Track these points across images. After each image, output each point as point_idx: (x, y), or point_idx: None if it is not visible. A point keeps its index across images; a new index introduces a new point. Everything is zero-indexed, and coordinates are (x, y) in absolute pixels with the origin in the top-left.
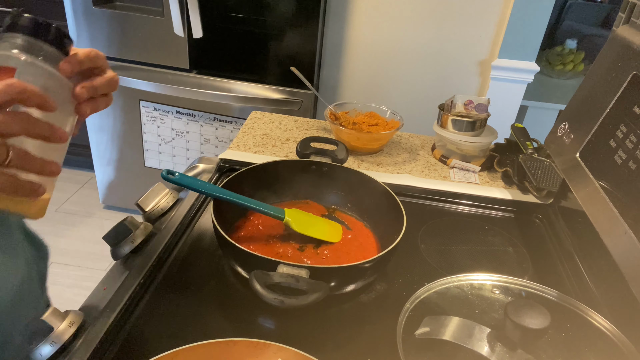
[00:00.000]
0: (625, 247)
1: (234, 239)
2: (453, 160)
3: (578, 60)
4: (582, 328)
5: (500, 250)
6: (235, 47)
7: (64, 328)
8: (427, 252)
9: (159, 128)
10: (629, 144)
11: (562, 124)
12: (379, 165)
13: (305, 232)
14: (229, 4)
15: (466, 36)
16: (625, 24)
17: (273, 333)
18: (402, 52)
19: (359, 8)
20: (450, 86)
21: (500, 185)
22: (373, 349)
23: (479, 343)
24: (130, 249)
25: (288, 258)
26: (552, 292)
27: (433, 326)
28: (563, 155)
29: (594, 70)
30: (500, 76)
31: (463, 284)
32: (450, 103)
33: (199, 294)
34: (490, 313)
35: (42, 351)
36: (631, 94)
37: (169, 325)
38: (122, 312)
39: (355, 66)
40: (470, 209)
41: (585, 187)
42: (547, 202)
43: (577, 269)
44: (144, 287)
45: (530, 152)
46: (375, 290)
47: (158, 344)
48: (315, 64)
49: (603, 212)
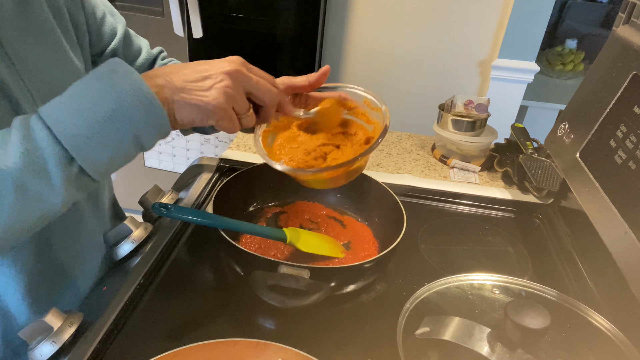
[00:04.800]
0: (625, 247)
1: (234, 239)
2: (453, 160)
3: (578, 60)
4: (582, 328)
5: (500, 250)
6: (235, 47)
7: (63, 328)
8: (427, 252)
9: None
10: (629, 144)
11: (562, 124)
12: (379, 165)
13: (310, 251)
14: (229, 4)
15: (466, 36)
16: (625, 24)
17: (273, 333)
18: (402, 52)
19: (359, 8)
20: (450, 86)
21: (500, 185)
22: (373, 349)
23: (479, 343)
24: (130, 249)
25: (288, 258)
26: (552, 292)
27: (433, 326)
28: (563, 155)
29: (594, 70)
30: (500, 76)
31: (463, 284)
32: (450, 103)
33: (199, 294)
34: (490, 313)
35: (42, 351)
36: (631, 94)
37: (169, 325)
38: (122, 312)
39: (355, 66)
40: (470, 209)
41: (585, 187)
42: (547, 202)
43: (577, 269)
44: (143, 287)
45: (530, 152)
46: (375, 290)
47: (158, 344)
48: (315, 64)
49: (603, 212)
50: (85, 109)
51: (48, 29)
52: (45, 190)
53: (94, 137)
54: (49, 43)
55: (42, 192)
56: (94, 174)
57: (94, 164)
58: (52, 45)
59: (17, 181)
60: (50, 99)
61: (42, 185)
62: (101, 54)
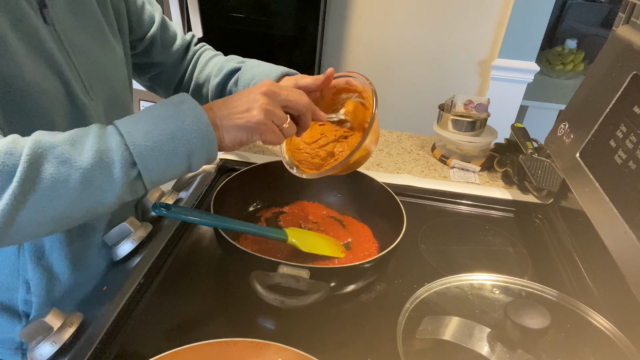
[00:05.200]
0: (625, 247)
1: (234, 239)
2: (453, 160)
3: (578, 60)
4: (582, 328)
5: (500, 250)
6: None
7: (64, 328)
8: (427, 252)
9: None
10: (629, 144)
11: (562, 124)
12: (379, 165)
13: (310, 251)
14: (229, 4)
15: (466, 36)
16: (625, 24)
17: (273, 333)
18: (402, 52)
19: (359, 8)
20: (450, 86)
21: (500, 185)
22: (373, 349)
23: (479, 343)
24: (130, 249)
25: (288, 258)
26: (552, 292)
27: (433, 326)
28: (563, 155)
29: (594, 70)
30: (500, 76)
31: (463, 284)
32: (450, 103)
33: (199, 294)
34: (490, 313)
35: (42, 351)
36: (631, 94)
37: (169, 325)
38: (122, 312)
39: (355, 66)
40: (470, 209)
41: (585, 187)
42: (547, 202)
43: (577, 269)
44: (144, 287)
45: (530, 152)
46: (375, 290)
47: (158, 344)
48: (315, 64)
49: (603, 212)
50: (154, 126)
51: (94, 18)
52: (106, 185)
53: (156, 149)
54: (95, 30)
55: (103, 187)
56: (147, 180)
57: (150, 172)
58: (97, 33)
59: (86, 173)
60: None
61: (105, 180)
62: (141, 39)
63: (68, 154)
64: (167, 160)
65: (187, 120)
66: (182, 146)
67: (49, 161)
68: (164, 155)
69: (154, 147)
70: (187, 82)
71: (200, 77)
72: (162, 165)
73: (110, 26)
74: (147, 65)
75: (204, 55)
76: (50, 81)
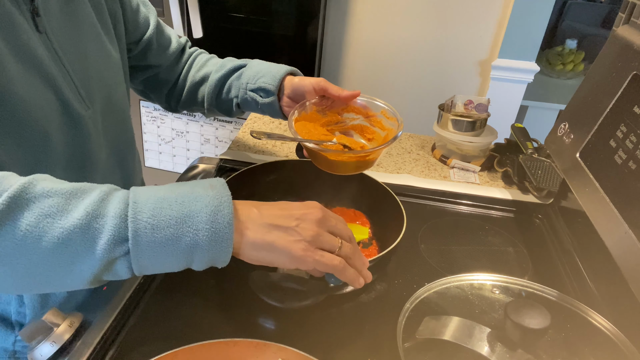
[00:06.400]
0: (625, 247)
1: None
2: (453, 160)
3: (578, 60)
4: (582, 328)
5: (500, 250)
6: (235, 47)
7: (64, 328)
8: (427, 252)
9: (159, 128)
10: (629, 144)
11: (562, 124)
12: (379, 165)
13: None
14: (229, 4)
15: (466, 36)
16: (625, 24)
17: (273, 333)
18: (402, 52)
19: (359, 8)
20: (450, 86)
21: (500, 185)
22: (373, 349)
23: (479, 343)
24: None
25: None
26: (552, 292)
27: (433, 326)
28: (563, 155)
29: (594, 70)
30: (500, 76)
31: (463, 284)
32: (450, 103)
33: (199, 294)
34: (490, 313)
35: (42, 351)
36: (631, 94)
37: (169, 325)
38: (122, 312)
39: (355, 66)
40: (470, 209)
41: (585, 187)
42: (547, 202)
43: (577, 269)
44: (143, 287)
45: (530, 152)
46: (375, 290)
47: (158, 344)
48: (316, 64)
49: (603, 212)
50: (167, 205)
51: (89, 24)
52: (84, 255)
53: (156, 231)
54: (90, 36)
55: (79, 256)
56: (134, 263)
57: (140, 254)
58: (93, 39)
59: (66, 234)
60: (92, 89)
61: (84, 249)
62: (137, 42)
63: (57, 208)
64: (164, 244)
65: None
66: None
67: (30, 210)
68: (164, 240)
69: (155, 227)
70: (181, 83)
71: (196, 76)
72: (157, 250)
73: (106, 31)
74: (143, 68)
75: (200, 57)
76: (42, 93)
